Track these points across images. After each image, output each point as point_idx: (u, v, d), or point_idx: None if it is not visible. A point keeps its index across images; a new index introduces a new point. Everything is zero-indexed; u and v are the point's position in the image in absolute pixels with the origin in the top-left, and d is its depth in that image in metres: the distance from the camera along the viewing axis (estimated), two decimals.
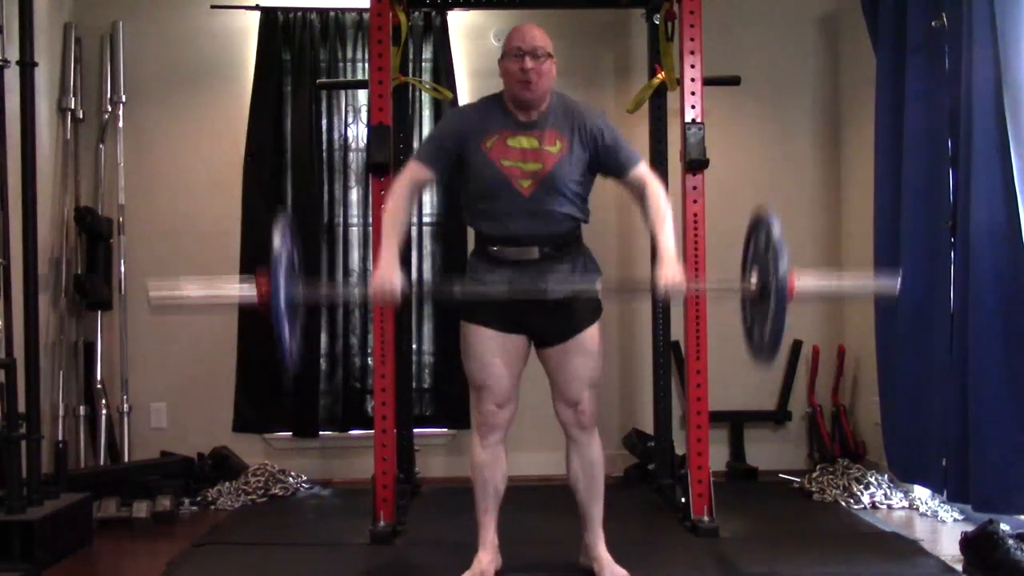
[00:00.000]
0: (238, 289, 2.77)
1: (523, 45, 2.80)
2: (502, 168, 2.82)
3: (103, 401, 4.59)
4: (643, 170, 2.91)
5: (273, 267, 2.61)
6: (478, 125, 2.87)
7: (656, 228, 2.85)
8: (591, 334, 2.92)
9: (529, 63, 2.77)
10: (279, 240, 2.65)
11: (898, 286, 2.96)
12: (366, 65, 4.64)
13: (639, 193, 2.90)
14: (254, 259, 4.71)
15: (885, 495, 4.07)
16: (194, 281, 2.81)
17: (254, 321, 4.70)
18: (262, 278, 2.62)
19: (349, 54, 4.81)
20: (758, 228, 2.79)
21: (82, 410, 4.56)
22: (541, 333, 2.92)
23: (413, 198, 2.97)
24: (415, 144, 4.73)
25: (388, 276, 2.78)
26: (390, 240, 2.85)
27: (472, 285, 2.90)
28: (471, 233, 3.04)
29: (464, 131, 2.88)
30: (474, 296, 2.87)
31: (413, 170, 2.92)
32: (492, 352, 2.89)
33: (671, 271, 2.75)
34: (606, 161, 2.89)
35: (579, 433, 2.95)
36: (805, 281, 2.66)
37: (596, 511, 3.00)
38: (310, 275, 4.69)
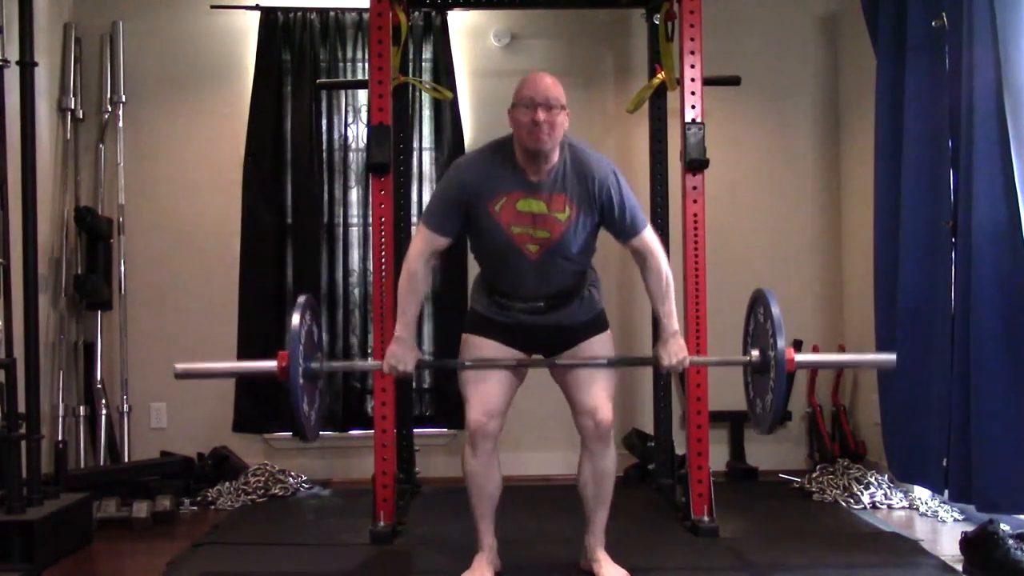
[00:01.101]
0: (258, 367, 2.99)
1: (536, 96, 2.69)
2: (511, 235, 2.79)
3: (103, 401, 4.59)
4: (647, 238, 2.87)
5: (291, 347, 2.73)
6: (486, 185, 2.79)
7: (658, 304, 2.87)
8: (600, 343, 2.95)
9: (541, 115, 2.67)
10: (297, 322, 2.75)
11: (895, 361, 3.01)
12: (366, 65, 4.64)
13: (641, 261, 2.89)
14: (254, 259, 4.72)
15: (885, 495, 4.07)
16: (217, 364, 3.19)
17: (255, 321, 4.71)
18: (283, 356, 2.75)
19: (349, 54, 4.81)
20: (757, 305, 2.89)
21: (82, 410, 4.57)
22: (548, 351, 2.94)
23: (429, 267, 2.87)
24: (415, 144, 4.74)
25: (402, 355, 2.83)
26: (405, 316, 2.85)
27: (479, 309, 2.96)
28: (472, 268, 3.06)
29: (471, 191, 2.80)
30: (482, 365, 2.90)
31: (427, 239, 2.85)
32: (490, 373, 2.89)
33: (674, 349, 2.84)
34: (611, 224, 2.86)
35: (596, 444, 2.93)
36: (803, 357, 2.89)
37: (601, 517, 3.00)
38: (310, 275, 4.73)
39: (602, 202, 2.80)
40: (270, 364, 2.79)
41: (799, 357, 2.79)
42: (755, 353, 2.87)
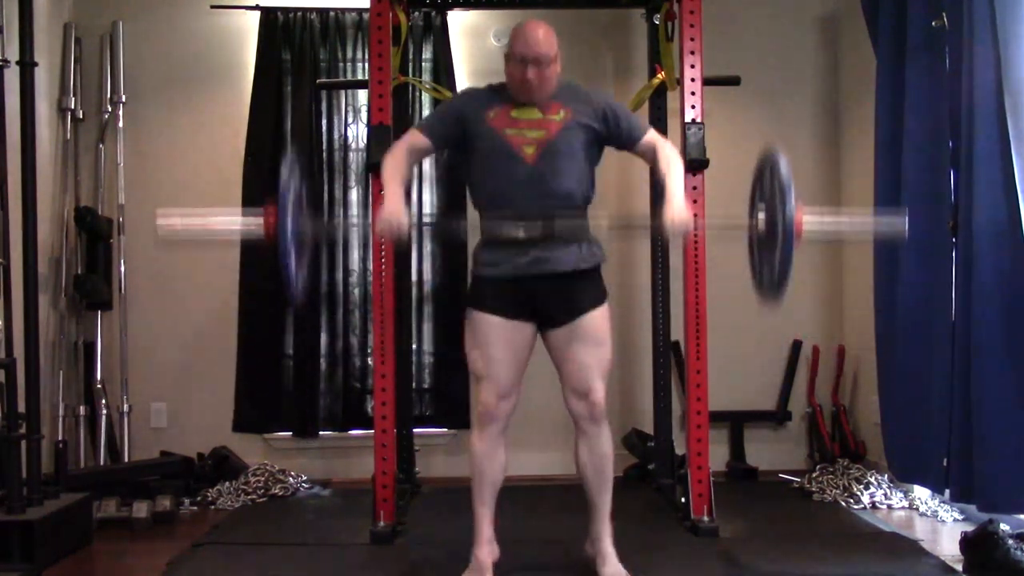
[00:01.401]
0: (245, 222, 2.79)
1: (527, 53, 2.80)
2: (505, 136, 2.85)
3: (103, 401, 4.59)
4: (653, 135, 2.99)
5: (280, 200, 2.66)
6: (483, 101, 2.93)
7: (665, 172, 2.90)
8: (598, 319, 2.90)
9: (531, 72, 2.80)
10: (287, 174, 2.71)
11: (905, 226, 2.97)
12: (366, 65, 4.64)
13: (651, 156, 2.97)
14: (254, 259, 4.72)
15: (885, 495, 4.07)
16: (202, 213, 2.87)
17: (255, 321, 4.71)
18: (270, 209, 2.66)
19: (349, 54, 4.81)
20: (765, 166, 2.83)
21: (82, 410, 4.57)
22: (547, 312, 2.89)
23: (411, 161, 3.00)
24: None
25: (396, 210, 2.81)
26: (394, 180, 2.90)
27: (479, 270, 2.92)
28: (470, 232, 3.04)
29: (468, 106, 2.95)
30: (489, 236, 2.87)
31: (412, 136, 3.00)
32: (497, 342, 2.87)
33: (677, 209, 2.81)
34: (616, 134, 2.94)
35: (590, 425, 2.92)
36: (813, 217, 2.66)
37: (604, 503, 2.97)
38: (309, 276, 4.72)
39: (598, 106, 2.92)
40: (256, 220, 2.69)
41: (807, 218, 2.64)
42: (761, 216, 2.76)
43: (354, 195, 4.81)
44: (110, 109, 4.71)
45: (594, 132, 2.91)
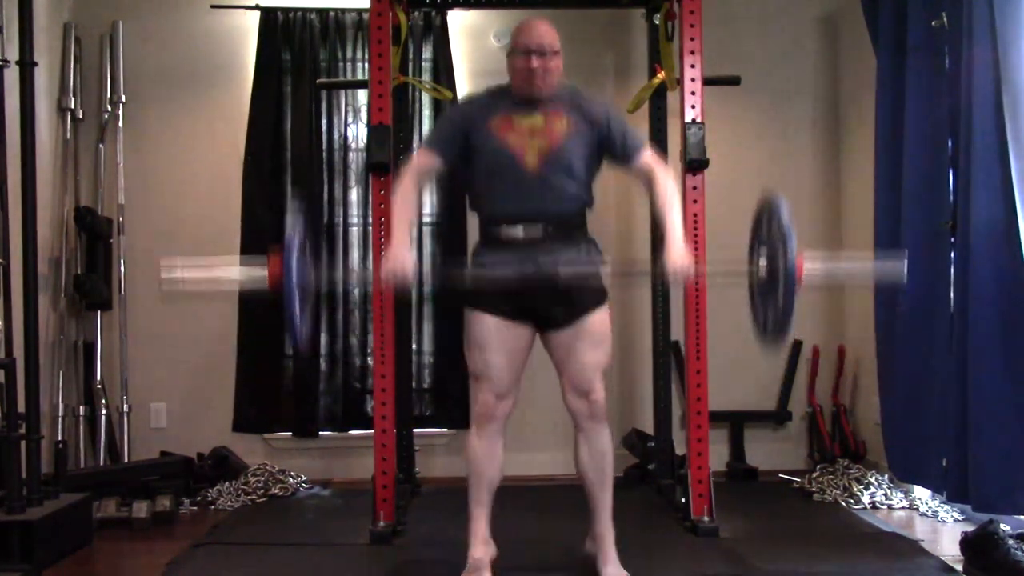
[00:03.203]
0: (249, 272, 2.76)
1: (530, 43, 2.82)
2: (507, 144, 2.84)
3: (103, 401, 4.59)
4: (650, 156, 2.95)
5: (286, 249, 2.66)
6: (485, 108, 2.91)
7: (664, 212, 2.87)
8: (599, 319, 2.90)
9: (535, 62, 2.80)
10: (292, 223, 2.71)
11: (904, 269, 2.98)
12: (366, 65, 4.64)
13: (646, 180, 2.93)
14: (254, 259, 4.72)
15: (885, 495, 4.07)
16: (204, 265, 2.84)
17: (255, 321, 4.71)
18: (275, 259, 2.65)
19: (349, 54, 4.81)
20: (765, 211, 2.82)
21: (82, 410, 4.56)
22: (547, 316, 2.89)
23: (422, 186, 3.00)
24: (415, 144, 4.73)
25: (401, 257, 2.81)
26: (402, 222, 2.88)
27: (478, 270, 2.90)
28: (471, 233, 3.03)
29: (470, 115, 2.93)
30: (481, 280, 2.86)
31: (421, 157, 2.99)
32: (496, 342, 2.87)
33: (679, 254, 2.79)
34: (612, 146, 2.91)
35: (590, 424, 2.92)
36: (814, 264, 2.66)
37: (605, 502, 2.96)
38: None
39: (598, 117, 2.90)
40: (263, 271, 2.68)
41: (808, 264, 2.64)
42: (763, 261, 2.77)
43: (354, 195, 4.81)
44: (110, 109, 4.71)
45: (595, 142, 2.90)
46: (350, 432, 4.74)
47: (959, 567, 3.06)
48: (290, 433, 4.74)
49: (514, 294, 2.85)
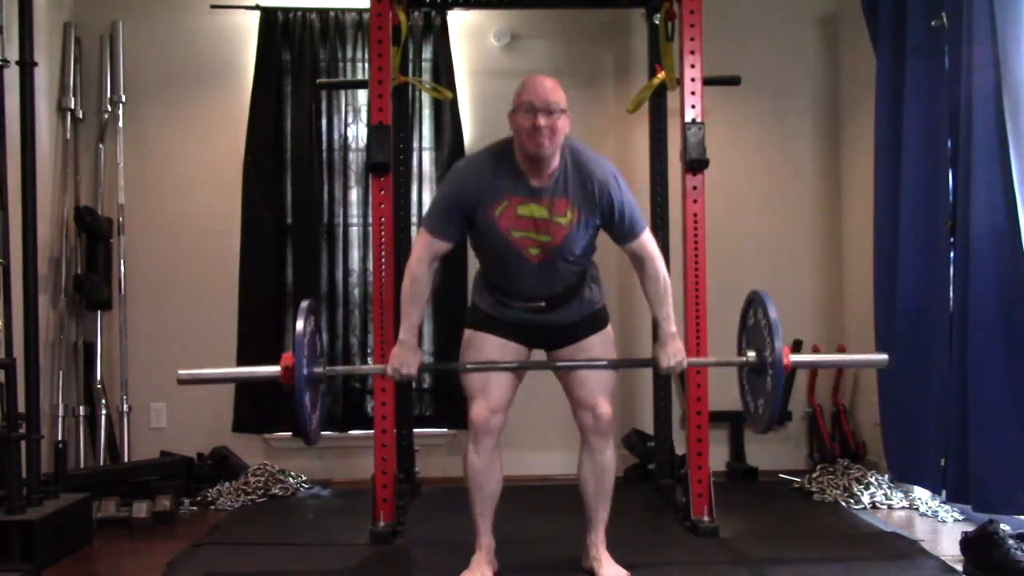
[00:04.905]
0: (262, 371, 2.94)
1: (536, 100, 2.67)
2: (512, 239, 2.79)
3: (103, 401, 4.59)
4: (645, 241, 2.88)
5: (296, 352, 2.73)
6: (486, 188, 2.77)
7: (656, 308, 2.89)
8: (599, 340, 2.96)
9: (542, 120, 2.66)
10: (302, 326, 2.76)
11: (887, 361, 3.04)
12: (366, 65, 4.64)
13: (639, 265, 2.90)
14: (254, 259, 4.72)
15: (885, 495, 4.07)
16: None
17: (255, 321, 4.71)
18: (286, 359, 2.75)
19: (349, 54, 4.81)
20: (753, 306, 2.91)
21: (82, 410, 4.57)
22: (548, 344, 2.98)
23: (432, 270, 2.88)
24: (415, 144, 4.74)
25: (405, 358, 2.84)
26: (409, 320, 2.86)
27: (481, 305, 2.96)
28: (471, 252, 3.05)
29: (471, 196, 2.79)
30: (483, 368, 2.90)
31: (428, 244, 2.85)
32: (494, 359, 2.91)
33: (672, 351, 2.86)
34: (610, 227, 2.86)
35: (595, 439, 2.96)
36: (799, 358, 2.94)
37: (602, 514, 3.00)
38: (310, 275, 4.73)
39: (603, 205, 2.79)
40: (273, 369, 2.80)
41: (794, 357, 2.80)
42: (751, 354, 2.89)
43: (354, 195, 4.81)
44: (110, 109, 4.71)
45: (598, 225, 2.85)
46: (350, 432, 4.74)
47: (959, 567, 3.06)
48: (290, 433, 4.74)
49: (515, 328, 2.91)
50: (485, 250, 2.91)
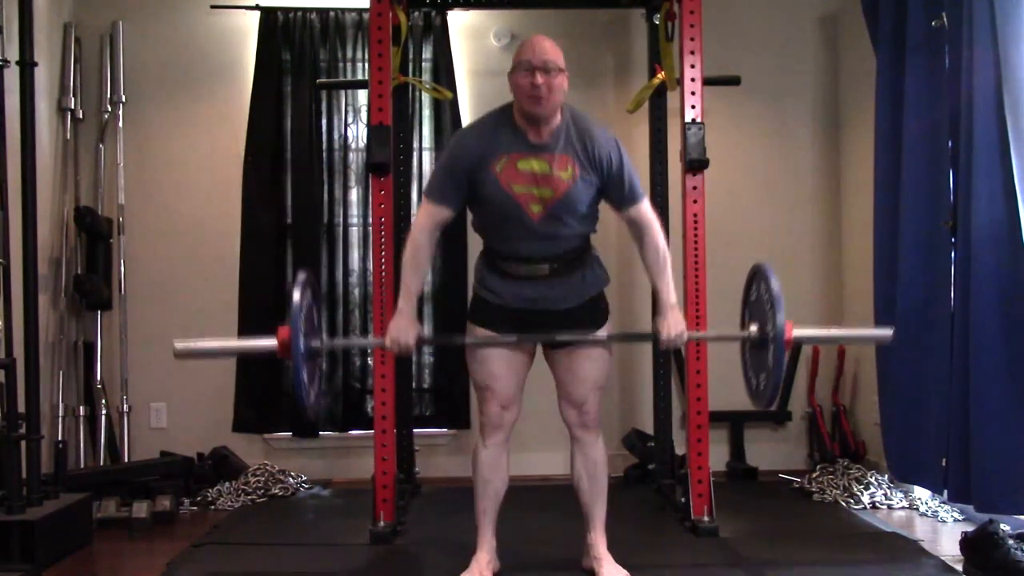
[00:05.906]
0: (258, 342, 2.91)
1: (533, 59, 2.70)
2: (513, 194, 2.78)
3: (103, 401, 4.59)
4: (643, 210, 2.87)
5: (293, 321, 2.70)
6: (487, 147, 2.79)
7: (656, 278, 2.88)
8: (599, 352, 2.95)
9: (540, 78, 2.68)
10: (298, 296, 2.73)
11: (891, 336, 3.01)
12: (366, 65, 4.64)
13: (638, 234, 2.89)
14: (254, 259, 4.72)
15: (885, 495, 4.07)
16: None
17: (255, 321, 4.71)
18: (283, 331, 2.73)
19: (349, 54, 4.81)
20: (756, 280, 2.88)
21: (82, 410, 4.57)
22: (549, 330, 2.93)
23: (434, 240, 2.88)
24: (415, 144, 4.74)
25: (404, 328, 2.82)
26: (408, 291, 2.85)
27: (482, 292, 2.93)
28: (471, 233, 3.03)
29: (472, 156, 2.80)
30: (482, 343, 2.89)
31: (431, 212, 2.85)
32: (497, 357, 2.90)
33: (672, 322, 2.83)
34: (610, 189, 2.85)
35: (583, 433, 2.97)
36: (802, 331, 2.80)
37: (599, 511, 3.00)
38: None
39: (603, 164, 2.80)
40: (271, 342, 2.77)
41: (796, 331, 2.74)
42: (753, 328, 2.85)
43: (354, 195, 4.81)
44: (110, 109, 4.71)
45: (598, 186, 2.84)
46: (350, 432, 4.74)
47: (959, 567, 3.06)
48: (290, 433, 4.74)
49: (516, 317, 2.89)
50: (486, 214, 2.88)
